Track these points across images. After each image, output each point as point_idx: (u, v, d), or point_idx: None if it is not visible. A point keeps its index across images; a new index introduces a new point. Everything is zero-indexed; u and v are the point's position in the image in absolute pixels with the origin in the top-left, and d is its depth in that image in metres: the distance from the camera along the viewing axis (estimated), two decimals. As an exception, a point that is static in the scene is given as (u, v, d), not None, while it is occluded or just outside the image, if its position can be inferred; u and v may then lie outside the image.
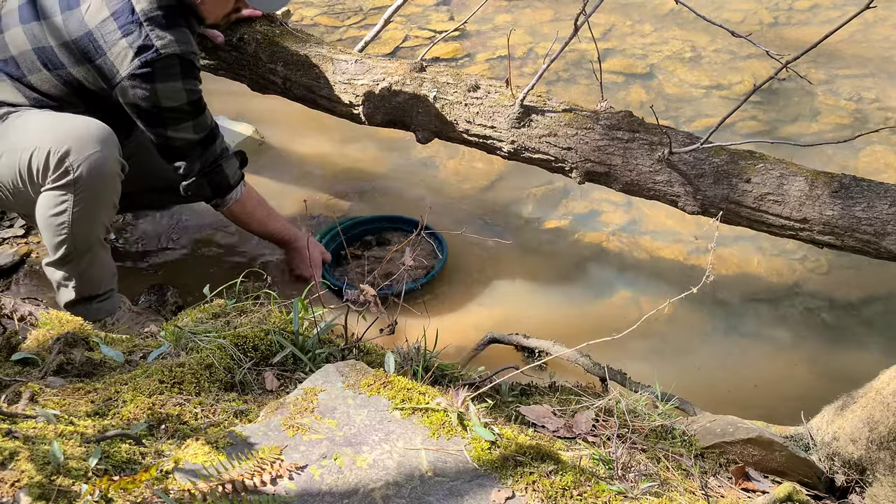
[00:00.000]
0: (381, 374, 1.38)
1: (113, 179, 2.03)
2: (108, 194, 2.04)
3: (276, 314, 1.68)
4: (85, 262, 2.11)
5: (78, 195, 1.98)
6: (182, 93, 2.09)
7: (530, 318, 2.51)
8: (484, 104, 2.34)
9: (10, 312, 1.74)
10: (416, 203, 2.96)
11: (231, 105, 3.33)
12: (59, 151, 1.95)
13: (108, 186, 2.03)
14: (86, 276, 2.13)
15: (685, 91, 3.65)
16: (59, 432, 1.12)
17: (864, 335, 2.53)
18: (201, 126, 2.17)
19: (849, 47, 3.93)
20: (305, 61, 2.52)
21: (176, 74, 2.06)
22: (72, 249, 2.06)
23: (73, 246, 2.05)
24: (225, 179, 2.26)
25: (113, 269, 2.24)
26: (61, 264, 2.10)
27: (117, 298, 2.26)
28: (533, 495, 1.18)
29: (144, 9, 2.03)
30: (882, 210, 2.06)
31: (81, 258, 2.09)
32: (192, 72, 2.11)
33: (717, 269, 2.73)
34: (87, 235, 2.06)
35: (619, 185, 2.30)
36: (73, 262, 2.09)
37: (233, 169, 2.29)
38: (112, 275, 2.23)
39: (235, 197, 2.30)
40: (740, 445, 1.52)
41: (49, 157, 1.95)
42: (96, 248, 2.12)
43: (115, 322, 2.19)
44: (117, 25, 2.01)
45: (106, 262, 2.19)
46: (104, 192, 2.03)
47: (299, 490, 1.12)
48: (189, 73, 2.10)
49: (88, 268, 2.12)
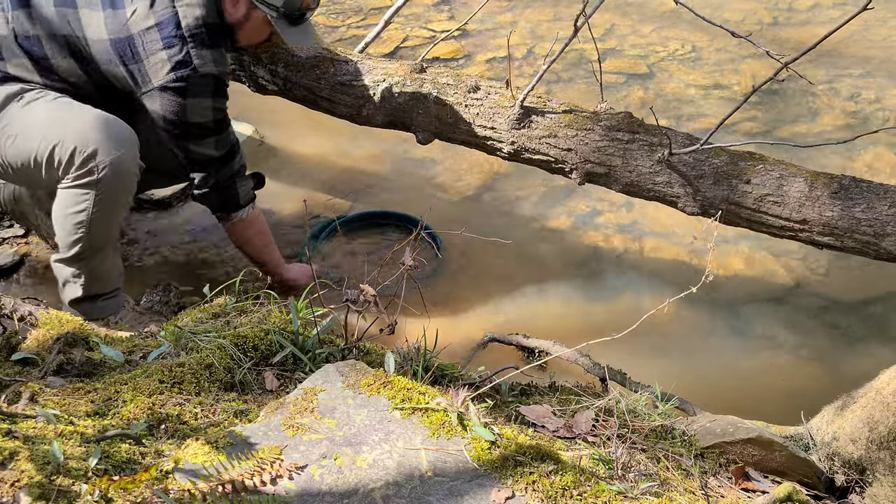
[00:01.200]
0: (381, 374, 1.38)
1: (132, 180, 2.05)
2: (126, 195, 2.07)
3: (276, 314, 1.68)
4: (96, 261, 2.12)
5: (99, 195, 1.99)
6: (210, 111, 2.12)
7: (530, 317, 2.51)
8: (484, 105, 2.34)
9: (10, 312, 1.74)
10: (416, 203, 2.96)
11: (231, 105, 3.32)
12: (84, 151, 1.95)
13: (127, 187, 2.05)
14: (95, 273, 2.15)
15: (685, 91, 3.65)
16: (59, 432, 1.12)
17: (864, 335, 2.53)
18: (223, 143, 2.20)
19: (849, 47, 3.93)
20: (306, 62, 2.52)
21: (208, 93, 2.09)
22: (87, 248, 2.08)
23: (88, 244, 2.07)
24: (234, 198, 2.27)
25: (120, 268, 2.25)
26: (73, 261, 2.11)
27: (122, 297, 2.27)
28: (533, 495, 1.18)
29: (190, 24, 2.04)
30: (882, 211, 2.06)
31: (94, 256, 2.11)
32: (223, 91, 2.15)
33: (717, 269, 2.73)
34: (104, 235, 2.08)
35: (619, 186, 2.30)
36: (86, 260, 2.11)
37: (245, 190, 2.29)
38: (119, 274, 2.24)
39: (241, 216, 2.30)
40: (740, 445, 1.52)
41: (74, 155, 1.96)
42: (109, 248, 2.14)
43: (118, 321, 2.20)
44: (160, 36, 2.02)
45: (115, 261, 2.21)
46: (123, 193, 2.05)
47: (299, 490, 1.12)
48: (220, 93, 2.13)
49: (99, 266, 2.14)
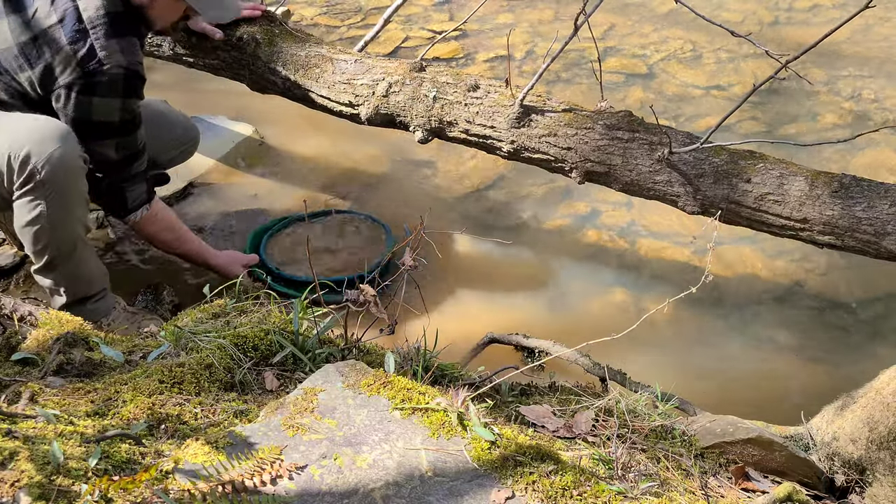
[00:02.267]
0: (381, 374, 1.38)
1: (78, 173, 1.98)
2: (77, 189, 2.00)
3: (276, 314, 1.68)
4: (71, 264, 2.09)
5: (49, 196, 1.94)
6: (117, 111, 2.03)
7: (530, 317, 2.51)
8: (484, 104, 2.34)
9: (10, 312, 1.74)
10: (416, 203, 2.96)
11: (231, 105, 3.33)
12: (19, 157, 1.90)
13: (75, 181, 1.98)
14: (74, 277, 2.11)
15: (685, 91, 3.65)
16: (59, 432, 1.12)
17: (864, 335, 2.53)
18: (125, 146, 2.10)
19: (849, 47, 3.93)
20: (305, 61, 2.52)
21: (116, 91, 2.00)
22: (56, 253, 2.04)
23: (56, 249, 2.03)
24: (123, 203, 2.18)
25: (102, 267, 2.22)
26: (48, 270, 2.08)
27: (111, 298, 2.24)
28: (533, 495, 1.18)
29: (91, 16, 1.96)
30: (882, 210, 2.06)
31: (67, 260, 2.07)
32: (135, 90, 2.05)
33: (717, 269, 2.73)
34: (68, 236, 2.03)
35: (619, 185, 2.30)
36: (60, 266, 2.07)
37: (136, 194, 2.19)
38: (102, 274, 2.21)
39: (134, 219, 2.22)
40: (740, 445, 1.52)
41: (11, 162, 1.90)
42: (80, 248, 2.09)
43: (110, 323, 2.18)
44: (63, 33, 1.95)
45: (92, 261, 2.17)
46: (73, 188, 1.98)
47: (299, 490, 1.12)
48: (131, 91, 2.03)
49: (76, 269, 2.10)
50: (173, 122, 2.59)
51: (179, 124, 2.61)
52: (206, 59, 2.64)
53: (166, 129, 2.52)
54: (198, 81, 3.23)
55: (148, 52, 2.71)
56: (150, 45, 2.68)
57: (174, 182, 2.90)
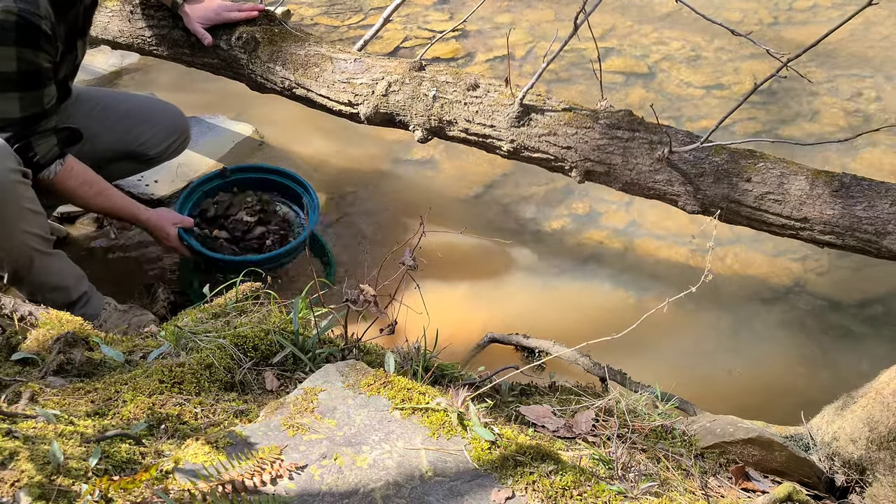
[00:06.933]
0: (381, 374, 1.38)
1: (12, 188, 1.88)
2: (13, 204, 1.90)
3: (276, 314, 1.67)
4: (35, 275, 2.04)
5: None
6: (13, 61, 1.84)
7: (530, 317, 2.51)
8: (483, 103, 2.34)
9: (10, 312, 1.74)
10: (416, 203, 2.96)
11: (231, 105, 3.34)
12: None
13: (9, 197, 1.88)
14: (46, 287, 2.07)
15: (685, 91, 3.65)
16: (59, 432, 1.12)
17: (865, 335, 2.53)
18: (30, 102, 1.94)
19: (849, 47, 3.93)
20: (305, 61, 2.52)
21: (10, 39, 1.81)
22: (16, 267, 1.99)
23: (13, 265, 1.98)
24: (31, 159, 2.01)
25: (75, 271, 2.16)
26: (16, 283, 2.04)
27: (98, 300, 2.20)
28: (533, 495, 1.18)
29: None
30: (883, 209, 2.06)
31: (30, 272, 2.03)
32: (34, 40, 1.86)
33: (717, 269, 2.73)
34: (20, 250, 1.97)
35: (619, 185, 2.30)
36: (26, 279, 2.03)
37: (46, 147, 2.03)
38: (77, 277, 2.15)
39: (47, 176, 2.07)
40: (740, 445, 1.52)
41: None
42: (39, 259, 2.03)
43: (102, 323, 2.14)
44: None
45: (59, 268, 2.12)
46: (10, 204, 1.89)
47: (299, 490, 1.12)
48: (28, 41, 1.84)
49: (45, 278, 2.05)
50: (159, 113, 2.54)
51: (166, 115, 2.56)
52: (205, 59, 2.64)
53: (152, 120, 2.49)
54: (198, 81, 3.23)
55: (148, 51, 2.71)
56: (149, 44, 2.68)
57: (174, 182, 2.91)
